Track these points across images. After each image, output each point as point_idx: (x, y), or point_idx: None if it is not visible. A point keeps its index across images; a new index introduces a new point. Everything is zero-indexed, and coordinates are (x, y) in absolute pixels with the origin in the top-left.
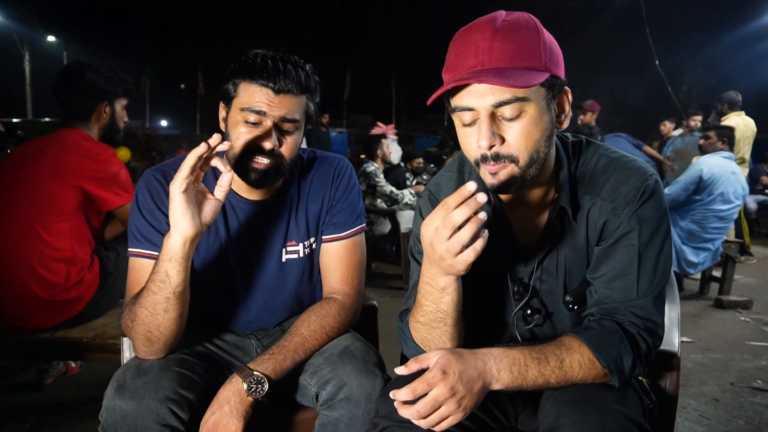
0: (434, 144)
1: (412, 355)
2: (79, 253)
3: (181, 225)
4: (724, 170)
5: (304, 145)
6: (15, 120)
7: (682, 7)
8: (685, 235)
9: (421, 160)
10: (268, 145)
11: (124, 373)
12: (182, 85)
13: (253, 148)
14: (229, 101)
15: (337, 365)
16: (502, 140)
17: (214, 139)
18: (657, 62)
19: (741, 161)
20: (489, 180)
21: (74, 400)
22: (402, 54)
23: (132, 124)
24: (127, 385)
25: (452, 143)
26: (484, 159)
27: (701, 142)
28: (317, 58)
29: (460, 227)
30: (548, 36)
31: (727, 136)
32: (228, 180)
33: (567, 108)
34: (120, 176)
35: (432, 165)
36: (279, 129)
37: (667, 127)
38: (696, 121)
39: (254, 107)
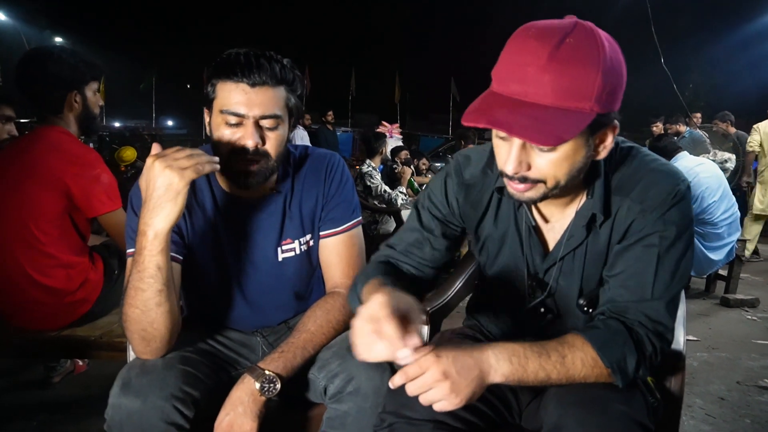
0: (439, 143)
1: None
2: (75, 256)
3: (173, 211)
4: (687, 170)
5: (307, 143)
6: (23, 120)
7: (687, 5)
8: (704, 238)
9: (407, 152)
10: (250, 144)
11: (129, 372)
12: (188, 85)
13: (237, 149)
14: (210, 105)
15: (346, 358)
16: (530, 166)
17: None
18: (663, 61)
19: None
20: (511, 191)
21: (81, 398)
22: (406, 52)
23: (138, 124)
24: (132, 383)
25: (463, 142)
26: (510, 177)
27: None
28: (322, 57)
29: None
30: (611, 63)
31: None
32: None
33: (608, 141)
34: (102, 180)
35: (437, 164)
36: (260, 127)
37: (658, 127)
38: (697, 118)
39: (232, 109)
